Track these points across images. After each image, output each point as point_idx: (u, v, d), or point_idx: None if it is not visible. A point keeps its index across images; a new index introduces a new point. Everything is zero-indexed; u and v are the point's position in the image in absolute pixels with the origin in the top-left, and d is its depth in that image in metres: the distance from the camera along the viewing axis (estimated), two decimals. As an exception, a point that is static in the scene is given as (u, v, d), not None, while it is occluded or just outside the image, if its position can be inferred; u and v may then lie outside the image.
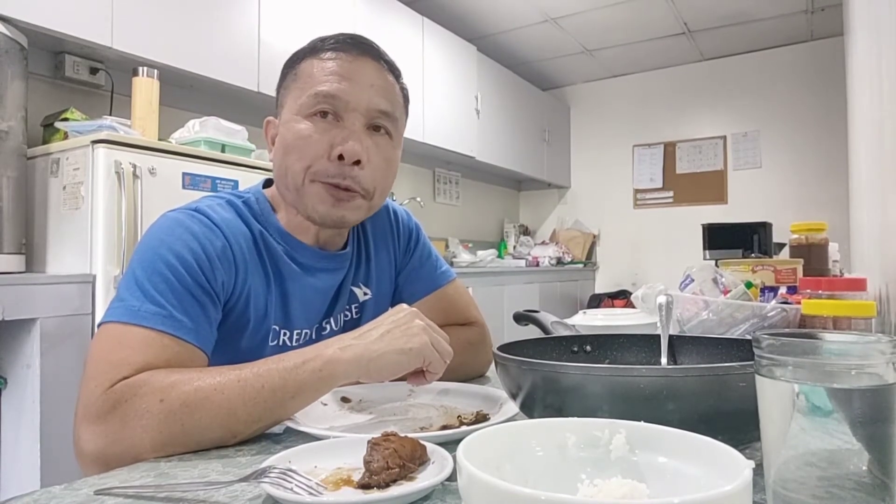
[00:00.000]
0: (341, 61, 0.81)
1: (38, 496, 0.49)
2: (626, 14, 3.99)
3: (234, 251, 0.78)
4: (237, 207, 0.83)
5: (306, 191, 0.81)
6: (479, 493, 0.34)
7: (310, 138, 0.80)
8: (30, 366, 1.62)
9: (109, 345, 0.66)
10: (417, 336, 0.69)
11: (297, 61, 0.85)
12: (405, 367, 0.69)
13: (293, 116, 0.81)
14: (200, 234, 0.75)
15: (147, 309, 0.68)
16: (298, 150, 0.80)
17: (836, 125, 4.03)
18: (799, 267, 1.33)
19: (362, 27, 3.09)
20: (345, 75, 0.81)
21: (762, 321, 1.09)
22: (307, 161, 0.80)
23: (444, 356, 0.72)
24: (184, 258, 0.72)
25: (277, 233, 0.84)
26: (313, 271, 0.87)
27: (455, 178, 4.60)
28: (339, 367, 0.66)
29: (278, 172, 0.84)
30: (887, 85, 1.47)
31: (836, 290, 1.09)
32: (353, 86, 0.81)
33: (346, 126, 0.80)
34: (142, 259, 0.72)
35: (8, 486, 1.69)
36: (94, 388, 0.63)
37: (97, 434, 0.61)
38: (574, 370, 0.51)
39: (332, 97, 0.80)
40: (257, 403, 0.62)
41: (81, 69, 2.19)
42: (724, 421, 0.49)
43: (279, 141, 0.84)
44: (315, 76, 0.81)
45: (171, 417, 0.60)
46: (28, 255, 1.89)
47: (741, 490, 0.31)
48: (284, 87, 0.85)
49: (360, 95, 0.81)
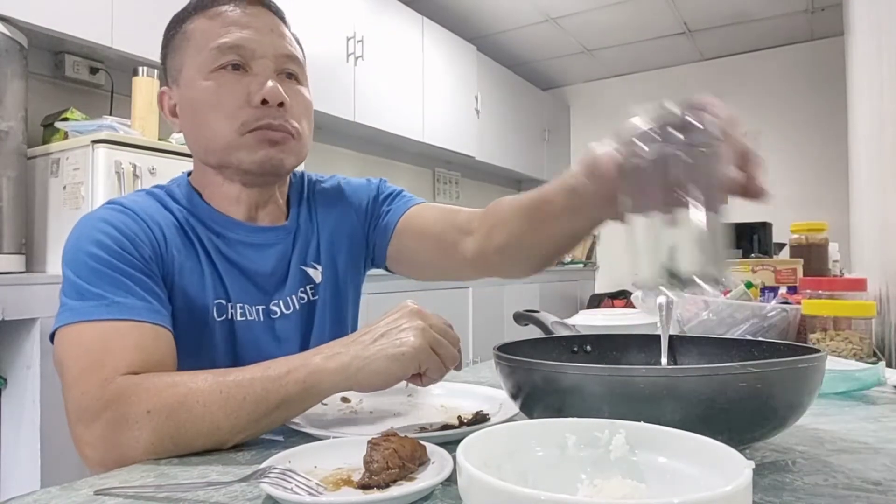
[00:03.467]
0: (235, 12, 0.80)
1: (38, 496, 0.49)
2: (626, 14, 3.99)
3: (151, 229, 0.76)
4: (156, 196, 0.82)
5: (238, 144, 0.78)
6: (479, 493, 0.34)
7: (224, 92, 0.77)
8: (30, 366, 1.61)
9: (74, 350, 0.66)
10: (412, 339, 0.62)
11: (181, 21, 0.82)
12: (398, 375, 0.62)
13: (195, 76, 0.78)
14: (114, 219, 0.74)
15: (89, 304, 0.67)
16: (215, 106, 0.77)
17: (836, 125, 4.02)
18: (799, 267, 1.33)
19: (362, 27, 3.09)
20: (244, 24, 0.79)
21: (762, 321, 1.09)
22: (229, 115, 0.77)
23: (447, 361, 0.65)
24: (104, 244, 0.71)
25: (204, 212, 0.83)
26: (247, 246, 0.83)
27: (455, 178, 4.60)
28: (323, 378, 0.62)
29: (195, 138, 0.82)
30: (887, 85, 1.47)
31: (836, 290, 1.09)
32: (255, 33, 0.79)
33: (258, 73, 0.79)
34: (68, 261, 0.72)
35: (8, 486, 1.69)
36: (80, 396, 0.63)
37: (95, 439, 0.62)
38: (574, 370, 0.51)
39: (237, 47, 0.78)
40: (240, 416, 0.60)
41: (81, 69, 2.19)
42: (724, 421, 0.49)
43: (187, 106, 0.81)
44: (211, 30, 0.79)
45: (158, 428, 0.60)
46: (28, 255, 1.88)
47: (741, 490, 0.31)
48: (173, 51, 0.82)
49: (264, 42, 0.79)
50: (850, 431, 0.64)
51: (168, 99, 0.84)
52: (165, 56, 0.85)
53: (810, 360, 0.51)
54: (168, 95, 0.84)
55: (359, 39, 3.06)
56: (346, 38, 3.02)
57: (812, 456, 0.55)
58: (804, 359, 0.51)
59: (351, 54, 3.03)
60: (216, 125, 0.78)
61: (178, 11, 0.84)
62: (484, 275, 0.90)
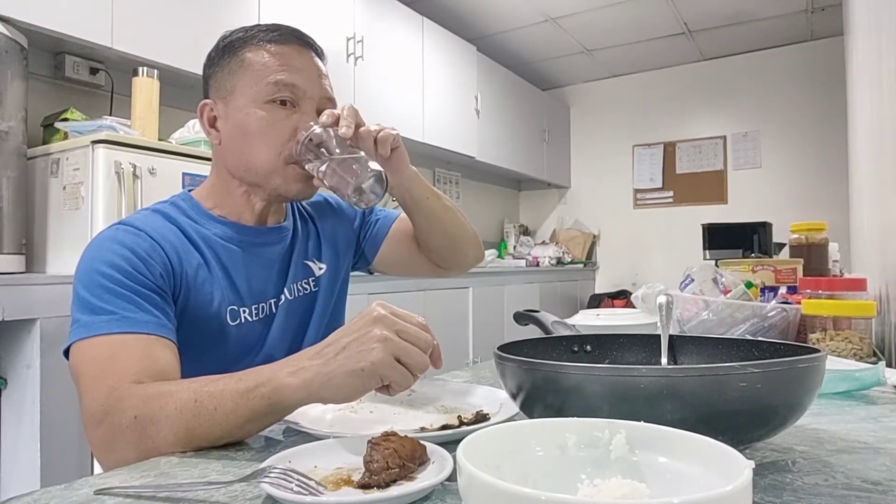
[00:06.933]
0: (290, 52, 0.88)
1: (38, 496, 0.49)
2: (626, 14, 3.99)
3: (163, 247, 0.81)
4: (163, 213, 0.88)
5: (280, 173, 0.87)
6: (479, 493, 0.34)
7: (276, 123, 0.86)
8: (30, 366, 1.61)
9: (87, 361, 0.71)
10: (371, 352, 0.59)
11: (238, 49, 0.88)
12: (360, 390, 0.61)
13: (250, 104, 0.86)
14: (127, 241, 0.79)
15: (101, 319, 0.72)
16: (266, 135, 0.86)
17: (836, 125, 4.03)
18: (799, 267, 1.33)
19: (362, 27, 3.09)
20: (299, 67, 0.88)
21: (762, 321, 1.09)
22: (278, 145, 0.86)
23: (415, 369, 0.61)
24: (117, 265, 0.76)
25: (210, 220, 0.89)
26: (253, 247, 0.91)
27: (455, 178, 4.60)
28: (287, 395, 0.61)
29: (238, 156, 0.88)
30: (887, 85, 1.47)
31: (836, 290, 1.09)
32: (307, 77, 0.88)
33: (305, 112, 0.88)
34: (81, 279, 0.77)
35: (8, 486, 1.69)
36: (91, 403, 0.68)
37: (99, 442, 0.67)
38: (574, 370, 0.51)
39: (292, 86, 0.87)
40: (212, 426, 0.62)
41: (81, 69, 2.19)
42: (724, 421, 0.49)
43: (236, 127, 0.87)
44: (271, 66, 0.86)
45: (143, 434, 0.63)
46: (28, 255, 1.88)
47: (741, 490, 0.31)
48: (228, 72, 0.88)
49: (313, 85, 0.89)
50: (850, 431, 0.64)
51: (210, 111, 0.91)
52: (214, 72, 0.90)
53: (810, 360, 0.51)
54: (210, 108, 0.91)
55: (359, 39, 3.06)
56: (346, 38, 3.02)
57: (812, 456, 0.55)
58: (804, 359, 0.51)
59: (351, 54, 3.03)
60: (264, 152, 0.86)
61: (236, 33, 0.90)
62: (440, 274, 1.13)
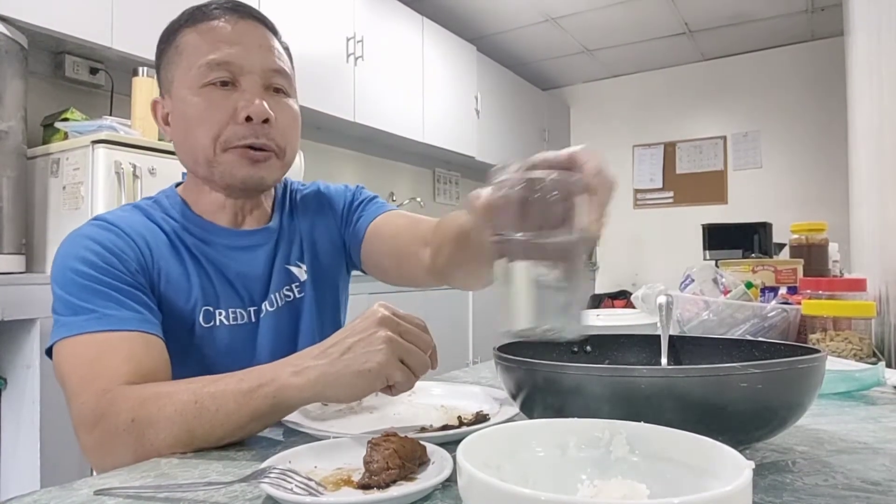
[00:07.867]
0: (225, 27, 0.82)
1: (38, 496, 0.49)
2: (626, 14, 3.99)
3: (136, 243, 0.78)
4: (143, 209, 0.85)
5: (220, 160, 0.81)
6: (479, 493, 0.34)
7: (211, 108, 0.79)
8: (30, 366, 1.61)
9: (71, 362, 0.69)
10: (378, 353, 0.60)
11: (173, 34, 0.84)
12: (365, 390, 0.61)
13: (186, 90, 0.81)
14: (97, 236, 0.77)
15: (81, 318, 0.70)
16: (202, 121, 0.80)
17: (836, 125, 4.02)
18: (799, 267, 1.33)
19: (362, 27, 3.09)
20: (233, 40, 0.81)
21: (762, 321, 1.09)
22: (215, 130, 0.80)
23: (416, 370, 0.63)
24: (89, 260, 0.74)
25: (191, 221, 0.85)
26: (234, 249, 0.86)
27: (455, 178, 4.60)
28: (292, 395, 0.61)
29: (184, 149, 0.84)
30: (887, 85, 1.47)
31: (836, 290, 1.09)
32: (244, 49, 0.81)
33: (245, 89, 0.81)
34: (56, 278, 0.74)
35: (8, 486, 1.69)
36: (80, 406, 0.66)
37: (94, 446, 0.65)
38: (574, 370, 0.51)
39: (225, 63, 0.80)
40: (214, 427, 0.61)
41: (81, 69, 2.19)
42: (725, 421, 0.49)
43: (177, 118, 0.83)
44: (201, 46, 0.81)
45: (141, 437, 0.62)
46: (28, 256, 1.88)
47: (741, 490, 0.31)
48: (167, 63, 0.84)
49: (252, 58, 0.81)
50: (850, 432, 0.64)
51: (161, 108, 0.87)
52: (159, 66, 0.87)
53: (810, 361, 0.51)
54: (161, 105, 0.87)
55: (359, 39, 3.06)
56: (346, 39, 3.02)
57: (812, 456, 0.55)
58: (804, 359, 0.51)
59: (351, 54, 3.03)
60: (202, 140, 0.81)
61: (171, 22, 0.86)
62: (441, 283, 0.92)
